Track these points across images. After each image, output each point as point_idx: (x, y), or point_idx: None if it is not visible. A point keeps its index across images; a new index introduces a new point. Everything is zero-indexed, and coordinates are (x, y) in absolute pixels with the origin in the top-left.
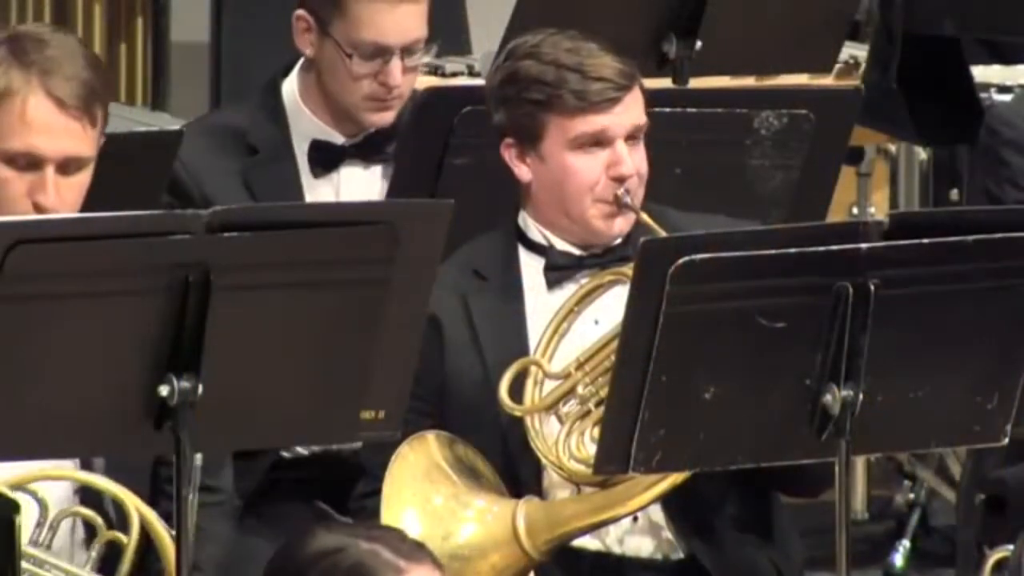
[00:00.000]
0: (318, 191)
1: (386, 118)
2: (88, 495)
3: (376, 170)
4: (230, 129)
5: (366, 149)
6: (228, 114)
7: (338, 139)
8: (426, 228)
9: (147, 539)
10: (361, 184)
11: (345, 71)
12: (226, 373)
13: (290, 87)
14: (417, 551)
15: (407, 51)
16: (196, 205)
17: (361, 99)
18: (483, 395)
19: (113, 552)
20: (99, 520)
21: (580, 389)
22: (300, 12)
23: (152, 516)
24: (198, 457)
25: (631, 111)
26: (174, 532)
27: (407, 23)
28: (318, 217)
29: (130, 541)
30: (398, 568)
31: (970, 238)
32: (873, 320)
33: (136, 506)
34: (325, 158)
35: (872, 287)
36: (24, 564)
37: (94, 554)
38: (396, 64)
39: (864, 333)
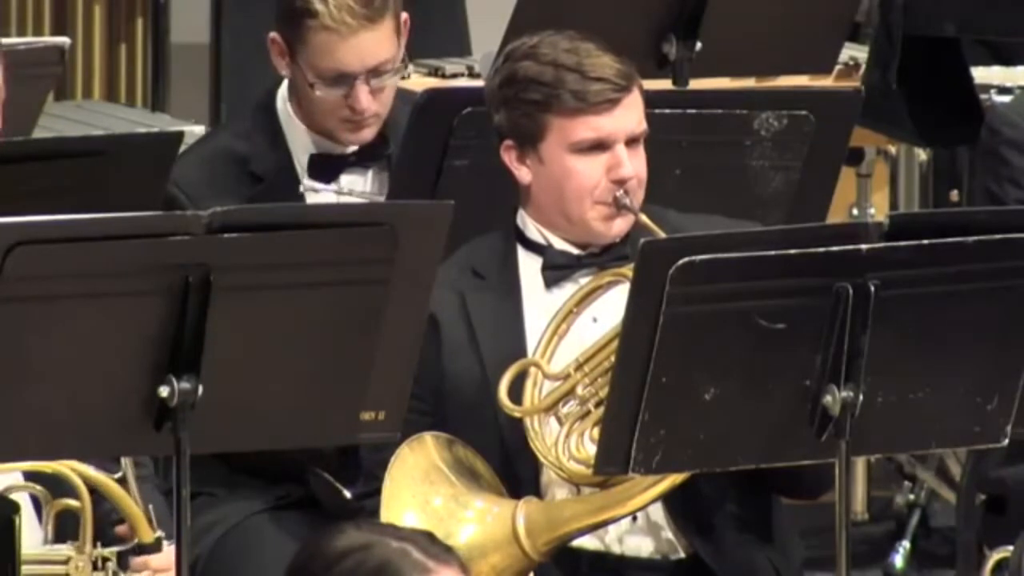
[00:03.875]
0: (320, 201)
1: (364, 136)
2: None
3: (376, 174)
4: (231, 157)
5: (365, 155)
6: (227, 139)
7: (336, 149)
8: (426, 229)
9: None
10: (362, 190)
11: (314, 97)
12: (226, 374)
13: (283, 103)
14: (445, 553)
15: (373, 74)
16: None
17: (336, 122)
18: (481, 394)
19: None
20: (43, 491)
21: (580, 390)
22: (273, 35)
23: (92, 472)
24: None
25: (631, 114)
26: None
27: (366, 49)
28: (318, 218)
29: (83, 503)
30: (426, 568)
31: (970, 239)
32: (873, 321)
33: (73, 468)
34: (325, 170)
35: (872, 288)
36: None
37: (49, 527)
38: (361, 89)
39: (864, 334)
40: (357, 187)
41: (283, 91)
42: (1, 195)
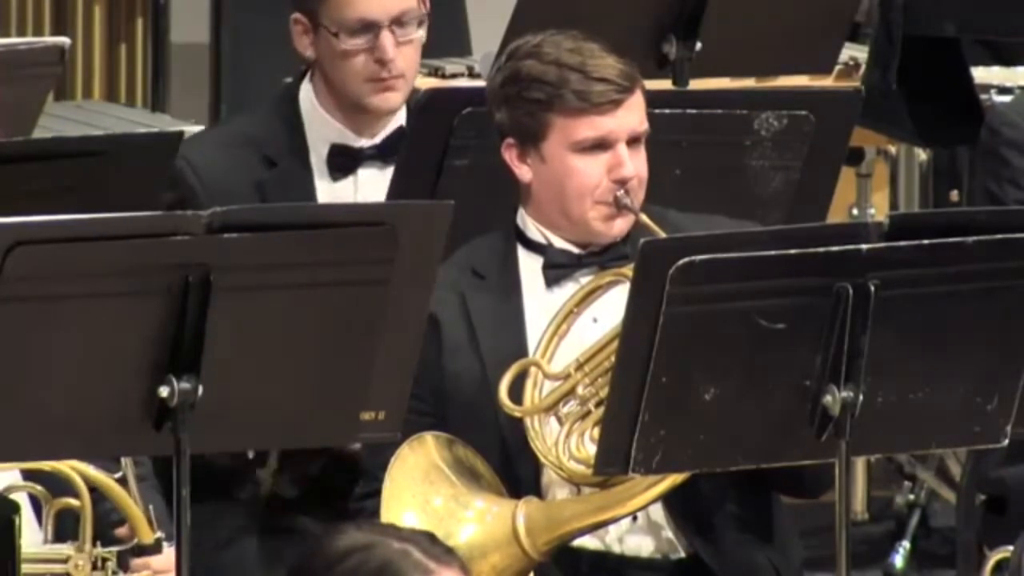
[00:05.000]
0: (337, 194)
1: (392, 101)
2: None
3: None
4: (247, 140)
5: (384, 151)
6: (244, 123)
7: (356, 142)
8: (426, 229)
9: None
10: (380, 185)
11: (339, 55)
12: (226, 374)
13: (306, 93)
14: (447, 554)
15: (397, 23)
16: None
17: (362, 82)
18: (481, 394)
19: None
20: (43, 491)
21: (580, 390)
22: (295, 15)
23: (92, 472)
24: None
25: (633, 114)
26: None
27: None
28: (318, 218)
29: (84, 503)
30: (427, 569)
31: (970, 239)
32: (873, 321)
33: (73, 467)
34: (344, 161)
35: (872, 288)
36: None
37: (49, 526)
38: (387, 38)
39: (864, 334)
40: (375, 182)
41: (307, 84)
42: (1, 195)
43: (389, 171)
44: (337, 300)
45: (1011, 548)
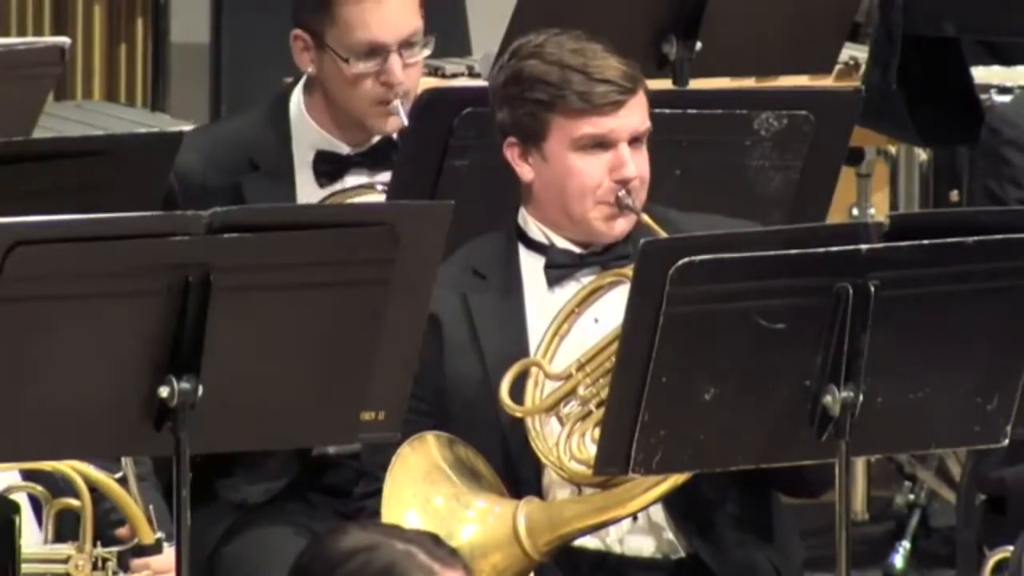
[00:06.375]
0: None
1: (394, 125)
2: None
3: (381, 178)
4: (234, 141)
5: (371, 158)
6: (237, 123)
7: (343, 149)
8: (426, 229)
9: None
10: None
11: (346, 78)
12: (226, 374)
13: (296, 100)
14: (451, 556)
15: (405, 45)
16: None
17: (369, 105)
18: (483, 394)
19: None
20: (43, 491)
21: (581, 390)
22: (295, 31)
23: (93, 472)
24: None
25: (635, 114)
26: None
27: (398, 17)
28: (318, 219)
29: (84, 503)
30: (431, 571)
31: (970, 239)
32: (873, 321)
33: (74, 467)
34: (331, 168)
35: (872, 288)
36: None
37: (49, 526)
38: (395, 61)
39: (864, 334)
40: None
41: (298, 89)
42: (1, 195)
43: (376, 178)
44: (337, 300)
45: (1011, 548)
